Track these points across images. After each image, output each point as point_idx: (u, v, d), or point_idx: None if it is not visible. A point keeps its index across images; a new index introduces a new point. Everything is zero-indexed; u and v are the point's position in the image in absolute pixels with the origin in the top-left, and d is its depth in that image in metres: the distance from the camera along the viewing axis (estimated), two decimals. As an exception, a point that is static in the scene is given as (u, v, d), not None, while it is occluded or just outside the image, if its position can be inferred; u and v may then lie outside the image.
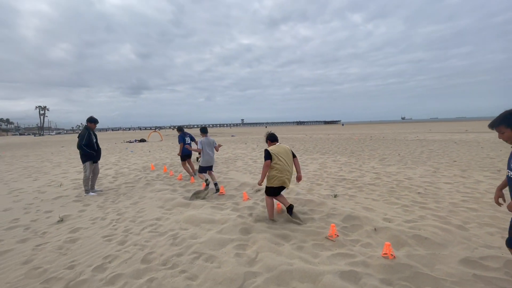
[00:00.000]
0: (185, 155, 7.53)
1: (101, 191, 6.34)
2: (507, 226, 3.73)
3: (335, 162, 9.61)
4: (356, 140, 19.98)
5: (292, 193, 5.39)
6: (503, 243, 3.21)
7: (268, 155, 4.00)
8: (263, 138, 9.64)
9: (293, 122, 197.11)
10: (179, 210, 4.80)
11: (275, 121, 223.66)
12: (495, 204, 2.50)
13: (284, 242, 3.33)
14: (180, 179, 7.36)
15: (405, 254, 2.93)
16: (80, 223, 4.32)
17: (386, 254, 2.89)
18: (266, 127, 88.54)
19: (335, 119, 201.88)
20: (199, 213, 4.40)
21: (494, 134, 23.03)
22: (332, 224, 3.52)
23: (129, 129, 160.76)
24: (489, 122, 2.25)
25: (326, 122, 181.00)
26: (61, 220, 4.41)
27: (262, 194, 5.36)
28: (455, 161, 9.22)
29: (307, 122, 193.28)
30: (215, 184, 5.89)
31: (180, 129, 7.78)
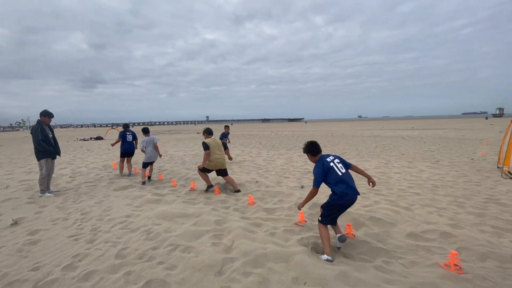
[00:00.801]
0: (126, 153, 7.54)
1: (58, 191, 5.87)
2: (443, 206, 4.44)
3: (300, 157, 10.14)
4: (318, 136, 21.13)
5: (262, 186, 5.64)
6: (439, 219, 3.84)
7: (206, 147, 5.20)
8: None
9: (259, 120, 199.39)
10: (150, 206, 4.72)
11: (241, 118, 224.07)
12: (434, 188, 3.00)
13: (257, 230, 3.53)
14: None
15: (363, 233, 3.35)
16: (39, 225, 4.01)
17: (348, 233, 3.28)
18: (231, 124, 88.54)
19: (298, 117, 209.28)
20: (171, 208, 4.39)
21: (435, 131, 26.04)
22: (301, 212, 3.82)
23: (82, 126, 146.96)
24: (433, 120, 2.73)
25: (290, 120, 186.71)
26: (15, 223, 4.04)
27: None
28: (403, 154, 10.40)
29: (272, 119, 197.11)
30: (149, 178, 6.71)
31: (124, 126, 7.94)
